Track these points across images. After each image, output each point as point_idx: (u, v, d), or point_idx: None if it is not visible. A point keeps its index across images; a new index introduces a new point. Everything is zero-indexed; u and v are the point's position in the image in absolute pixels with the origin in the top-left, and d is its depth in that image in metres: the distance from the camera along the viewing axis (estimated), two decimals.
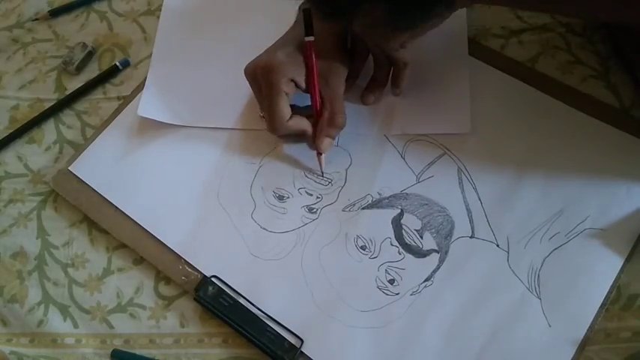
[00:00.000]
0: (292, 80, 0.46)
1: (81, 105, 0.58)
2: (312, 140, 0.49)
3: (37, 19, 0.63)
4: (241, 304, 0.46)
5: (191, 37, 0.58)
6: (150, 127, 0.54)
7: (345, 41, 0.49)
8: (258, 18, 0.57)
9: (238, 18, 0.59)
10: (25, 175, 0.55)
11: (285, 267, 0.47)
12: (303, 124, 0.48)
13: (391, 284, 0.45)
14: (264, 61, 0.46)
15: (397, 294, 0.45)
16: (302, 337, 0.44)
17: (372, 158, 0.50)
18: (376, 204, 0.48)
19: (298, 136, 0.50)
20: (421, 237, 0.47)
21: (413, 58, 0.48)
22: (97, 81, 0.58)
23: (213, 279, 0.47)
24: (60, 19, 0.63)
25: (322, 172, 0.50)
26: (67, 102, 0.57)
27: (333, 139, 0.49)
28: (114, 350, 0.46)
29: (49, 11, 0.63)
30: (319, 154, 0.49)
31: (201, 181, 0.51)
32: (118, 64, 0.58)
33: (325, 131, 0.48)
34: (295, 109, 0.48)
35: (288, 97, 0.46)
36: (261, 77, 0.46)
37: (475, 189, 0.48)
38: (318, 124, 0.48)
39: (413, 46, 0.47)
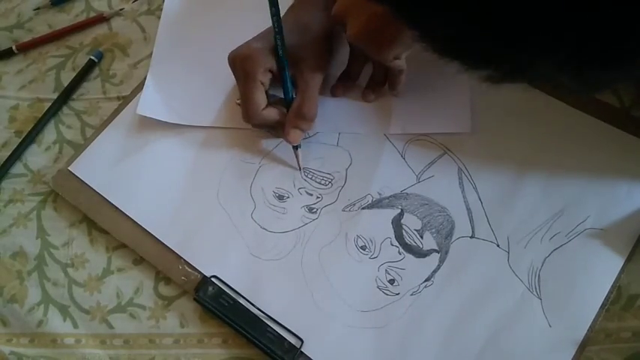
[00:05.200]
0: (270, 70, 0.47)
1: (81, 105, 0.58)
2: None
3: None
4: (241, 304, 0.46)
5: (191, 36, 0.58)
6: (150, 127, 0.53)
7: (328, 38, 0.49)
8: (259, 18, 0.57)
9: (239, 17, 0.59)
10: (24, 175, 0.55)
11: (285, 267, 0.47)
12: (277, 114, 0.48)
13: (391, 284, 0.45)
14: (242, 50, 0.47)
15: (397, 294, 0.45)
16: (302, 337, 0.44)
17: (372, 158, 0.50)
18: (376, 204, 0.48)
19: (274, 128, 0.50)
20: (421, 237, 0.47)
21: (413, 58, 0.48)
22: (81, 77, 0.58)
23: (213, 279, 0.47)
24: (59, 19, 0.63)
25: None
26: (63, 100, 0.58)
27: (302, 131, 0.48)
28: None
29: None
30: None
31: (200, 181, 0.51)
32: (92, 57, 0.59)
33: (292, 122, 0.48)
34: (275, 100, 0.49)
35: (264, 86, 0.47)
36: (239, 66, 0.47)
37: (475, 189, 0.48)
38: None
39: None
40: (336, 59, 0.51)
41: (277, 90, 0.49)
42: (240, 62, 0.47)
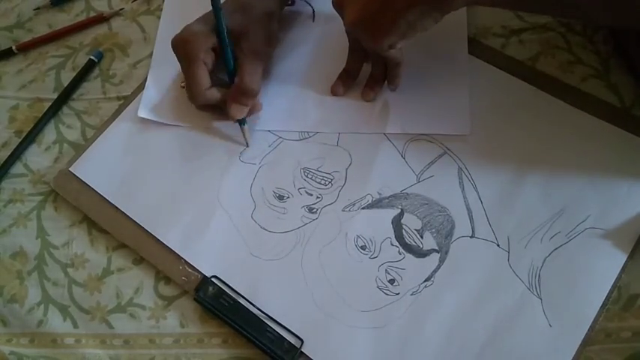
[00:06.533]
0: (213, 50, 0.48)
1: (81, 105, 0.58)
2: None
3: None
4: (241, 304, 0.46)
5: None
6: (150, 127, 0.53)
7: (270, 17, 0.50)
8: None
9: None
10: (24, 175, 0.55)
11: (285, 267, 0.47)
12: (219, 93, 0.50)
13: (391, 284, 0.45)
14: (183, 34, 0.49)
15: (397, 294, 0.45)
16: (302, 337, 0.44)
17: (372, 158, 0.50)
18: (376, 204, 0.48)
19: (222, 108, 0.51)
20: (421, 237, 0.47)
21: (413, 57, 0.48)
22: (81, 77, 0.59)
23: (213, 279, 0.47)
24: (59, 19, 0.63)
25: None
26: (63, 100, 0.58)
27: (244, 105, 0.49)
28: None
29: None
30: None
31: (200, 181, 0.51)
32: (92, 57, 0.59)
33: (233, 97, 0.49)
34: (220, 83, 0.50)
35: (207, 66, 0.48)
36: (181, 49, 0.48)
37: (475, 188, 0.48)
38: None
39: (413, 45, 0.47)
40: (280, 40, 0.53)
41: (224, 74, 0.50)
42: (182, 45, 0.48)
